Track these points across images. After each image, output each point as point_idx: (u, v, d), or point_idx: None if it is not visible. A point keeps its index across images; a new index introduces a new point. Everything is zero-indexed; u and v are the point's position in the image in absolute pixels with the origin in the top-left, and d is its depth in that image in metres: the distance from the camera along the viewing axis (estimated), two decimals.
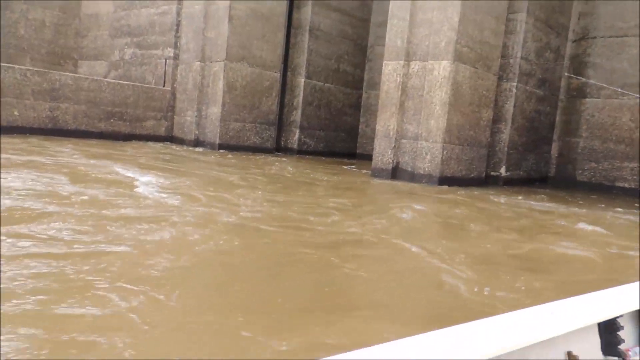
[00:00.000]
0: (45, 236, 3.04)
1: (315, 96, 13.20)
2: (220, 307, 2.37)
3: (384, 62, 8.72)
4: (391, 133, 8.48)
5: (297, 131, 12.89)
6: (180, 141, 12.05)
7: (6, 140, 8.39)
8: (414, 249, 3.74)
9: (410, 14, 8.32)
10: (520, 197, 7.68)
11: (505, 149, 9.36)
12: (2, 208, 3.55)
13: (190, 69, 12.04)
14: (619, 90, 9.73)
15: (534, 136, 10.19)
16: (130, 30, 13.57)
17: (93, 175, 5.65)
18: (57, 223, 3.35)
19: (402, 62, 8.42)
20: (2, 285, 2.21)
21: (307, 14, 12.88)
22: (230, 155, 10.51)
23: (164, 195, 4.85)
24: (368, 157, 13.32)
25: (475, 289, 2.87)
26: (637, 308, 1.64)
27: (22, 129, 9.77)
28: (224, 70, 11.36)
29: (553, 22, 10.14)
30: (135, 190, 5.00)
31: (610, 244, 4.63)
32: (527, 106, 9.77)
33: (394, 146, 8.47)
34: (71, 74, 11.58)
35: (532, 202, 7.25)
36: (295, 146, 12.91)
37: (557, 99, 11.00)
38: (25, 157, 6.65)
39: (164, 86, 12.43)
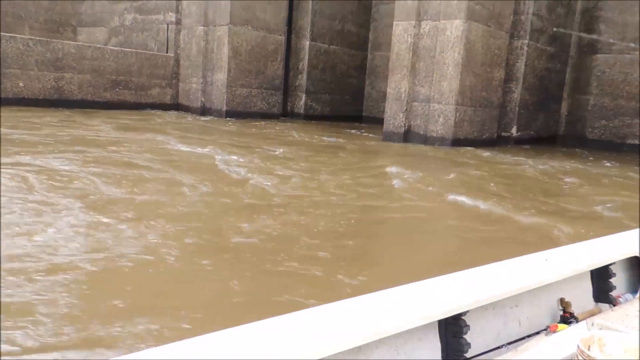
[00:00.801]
0: None
1: (320, 59, 12.99)
2: None
3: (394, 23, 8.55)
4: (402, 96, 8.40)
5: (304, 95, 12.75)
6: (185, 109, 11.95)
7: (24, 113, 8.33)
8: None
9: None
10: (552, 161, 7.66)
11: (516, 108, 9.29)
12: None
13: (193, 34, 11.81)
14: (631, 45, 9.57)
15: (544, 95, 10.09)
16: None
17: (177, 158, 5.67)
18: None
19: (413, 22, 8.25)
20: None
21: None
22: (252, 124, 10.45)
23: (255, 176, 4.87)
24: (374, 120, 13.27)
25: None
26: (630, 255, 1.66)
27: (28, 101, 9.66)
28: (229, 35, 11.14)
29: None
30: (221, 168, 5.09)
31: None
32: (538, 64, 9.63)
33: (406, 109, 8.41)
34: (74, 43, 11.37)
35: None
36: (302, 111, 12.80)
37: (568, 56, 10.83)
38: (82, 132, 6.65)
39: (167, 52, 12.23)
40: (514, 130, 9.30)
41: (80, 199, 3.49)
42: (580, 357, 1.04)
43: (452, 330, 1.19)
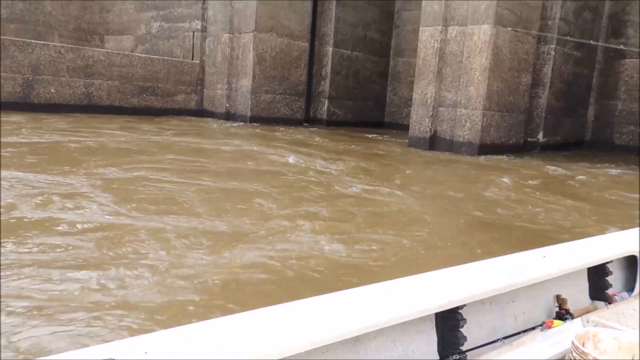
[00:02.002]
0: None
1: (343, 65, 13.06)
2: None
3: (421, 28, 8.57)
4: (429, 101, 8.40)
5: (326, 101, 12.82)
6: (210, 114, 12.10)
7: (70, 118, 8.55)
8: None
9: None
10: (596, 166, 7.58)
11: (543, 114, 9.21)
12: None
13: (218, 41, 11.98)
14: None
15: (571, 100, 9.99)
16: (155, 3, 13.50)
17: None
18: None
19: (439, 28, 8.26)
20: None
21: None
22: (279, 129, 10.56)
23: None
24: (396, 126, 13.29)
25: None
26: (628, 254, 1.65)
27: (59, 107, 9.90)
28: (254, 42, 11.28)
29: None
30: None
31: None
32: (565, 69, 9.55)
33: (432, 114, 8.40)
34: (103, 50, 11.64)
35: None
36: (324, 117, 12.86)
37: (595, 61, 10.72)
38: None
39: (192, 59, 12.43)
40: (540, 136, 9.22)
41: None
42: (574, 353, 1.03)
43: (448, 324, 1.20)
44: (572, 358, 1.05)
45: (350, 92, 13.30)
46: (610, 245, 1.68)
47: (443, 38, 8.32)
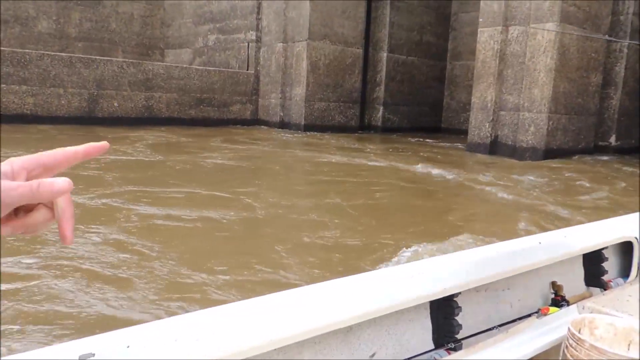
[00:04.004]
0: None
1: (398, 70, 12.81)
2: None
3: (479, 30, 8.21)
4: (489, 105, 8.02)
5: (381, 108, 12.61)
6: (265, 123, 12.19)
7: (154, 132, 8.85)
8: None
9: None
10: None
11: (615, 116, 8.57)
12: None
13: (272, 51, 12.07)
14: None
15: None
16: (212, 16, 13.83)
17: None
18: None
19: (499, 28, 7.88)
20: None
21: None
22: (340, 138, 10.50)
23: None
24: (454, 132, 12.84)
25: None
26: (623, 240, 1.65)
27: (121, 120, 10.27)
28: (307, 50, 11.27)
29: None
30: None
31: None
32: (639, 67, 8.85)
33: (492, 119, 8.01)
34: (162, 64, 12.02)
35: None
36: (379, 123, 12.65)
37: None
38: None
39: (247, 70, 12.59)
40: (612, 139, 8.57)
41: None
42: (570, 340, 1.04)
43: (443, 312, 1.20)
44: (568, 344, 1.05)
45: (405, 98, 13.02)
46: (606, 232, 1.66)
47: (503, 39, 7.93)
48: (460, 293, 1.21)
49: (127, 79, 10.52)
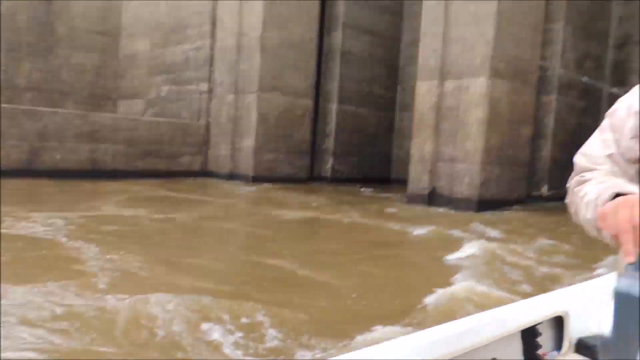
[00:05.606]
0: None
1: (347, 122, 13.08)
2: None
3: (417, 83, 8.54)
4: (426, 156, 8.23)
5: (331, 159, 12.77)
6: (214, 175, 12.13)
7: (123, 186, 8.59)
8: None
9: (443, 31, 8.12)
10: None
11: (547, 166, 8.91)
12: None
13: (223, 102, 12.19)
14: None
15: (577, 151, 9.65)
16: (166, 67, 13.95)
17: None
18: None
19: (436, 82, 8.20)
20: None
21: (337, 38, 12.87)
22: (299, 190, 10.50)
23: None
24: (403, 182, 13.04)
25: None
26: (555, 315, 1.78)
27: (62, 172, 9.99)
28: (257, 101, 11.42)
29: (592, 28, 9.70)
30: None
31: None
32: (569, 119, 9.31)
33: (430, 170, 8.20)
34: (110, 115, 11.96)
35: None
36: (328, 174, 12.76)
37: (600, 110, 10.43)
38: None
39: (198, 121, 12.63)
40: (544, 189, 8.87)
41: None
42: None
43: None
44: None
45: (355, 149, 13.24)
46: (539, 307, 1.78)
47: (440, 92, 8.25)
48: None
49: (73, 130, 10.37)
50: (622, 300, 0.63)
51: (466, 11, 7.86)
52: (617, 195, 0.84)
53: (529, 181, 8.76)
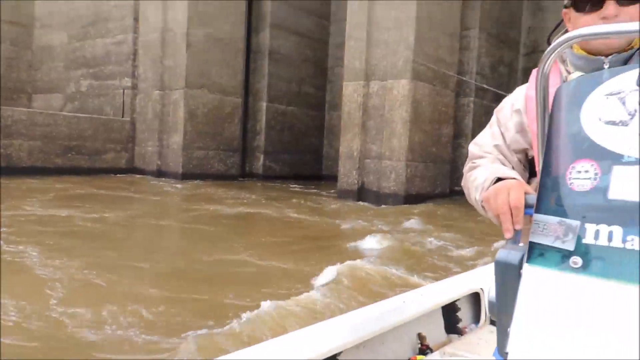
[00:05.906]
0: None
1: (278, 120, 13.18)
2: None
3: (344, 84, 8.80)
4: (355, 154, 8.51)
5: (262, 156, 12.81)
6: (141, 172, 11.77)
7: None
8: None
9: (367, 35, 8.43)
10: None
11: None
12: None
13: (149, 99, 11.85)
14: None
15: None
16: (86, 61, 13.31)
17: None
18: None
19: (361, 83, 8.50)
20: None
21: (265, 38, 12.91)
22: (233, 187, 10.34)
23: None
24: (334, 178, 13.36)
25: None
26: (473, 291, 1.97)
27: None
28: (184, 98, 11.22)
29: (504, 36, 10.47)
30: None
31: None
32: (485, 121, 9.95)
33: (358, 167, 8.49)
34: (25, 109, 11.22)
35: None
36: (260, 171, 12.80)
37: None
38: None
39: (122, 117, 12.19)
40: None
41: None
42: None
43: None
44: None
45: (286, 146, 13.36)
46: (458, 285, 1.97)
47: (365, 92, 8.56)
48: (342, 351, 1.34)
49: None
50: (502, 268, 0.74)
51: (388, 16, 8.23)
52: (499, 179, 0.93)
53: (451, 177, 9.31)
